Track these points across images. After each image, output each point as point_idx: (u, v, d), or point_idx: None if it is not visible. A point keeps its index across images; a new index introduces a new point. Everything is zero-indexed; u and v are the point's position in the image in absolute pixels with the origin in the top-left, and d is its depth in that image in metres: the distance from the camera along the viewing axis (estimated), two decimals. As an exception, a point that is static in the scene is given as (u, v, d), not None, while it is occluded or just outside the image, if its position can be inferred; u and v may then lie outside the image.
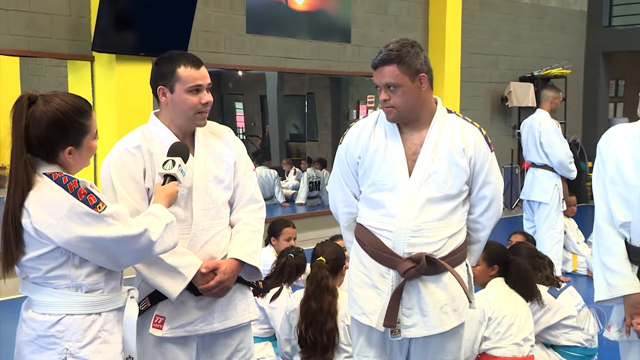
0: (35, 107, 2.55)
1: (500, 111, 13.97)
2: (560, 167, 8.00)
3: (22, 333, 2.65)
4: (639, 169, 2.93)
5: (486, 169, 3.20)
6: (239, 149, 3.32)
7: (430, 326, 3.16)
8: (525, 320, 4.75)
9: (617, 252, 3.00)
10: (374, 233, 3.21)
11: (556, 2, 15.16)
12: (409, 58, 3.08)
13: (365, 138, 3.24)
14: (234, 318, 3.22)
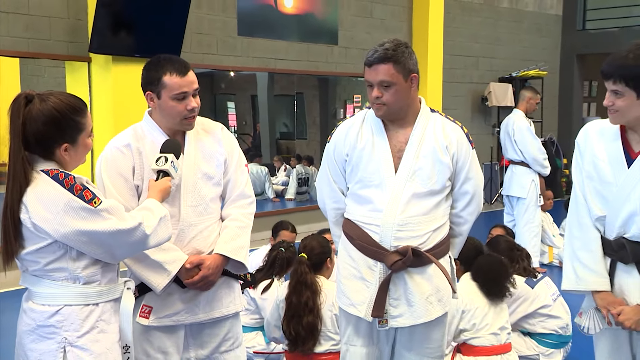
0: (32, 106, 2.54)
1: (480, 110, 14.01)
2: (534, 163, 8.04)
3: (23, 323, 2.65)
4: (614, 166, 2.93)
5: (468, 166, 3.21)
6: (231, 145, 3.30)
7: (416, 316, 3.16)
8: (500, 310, 4.76)
9: (594, 249, 3.00)
10: (361, 227, 3.20)
11: (533, 7, 15.21)
12: (403, 58, 3.08)
13: (352, 136, 3.23)
14: (219, 309, 3.22)
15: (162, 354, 3.16)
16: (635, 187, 2.86)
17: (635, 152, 2.91)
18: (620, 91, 2.82)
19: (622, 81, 2.81)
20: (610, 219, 2.94)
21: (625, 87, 2.80)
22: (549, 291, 5.25)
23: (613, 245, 2.93)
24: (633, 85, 2.79)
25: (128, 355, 2.74)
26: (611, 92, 2.86)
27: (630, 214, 2.87)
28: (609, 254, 2.96)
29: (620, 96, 2.83)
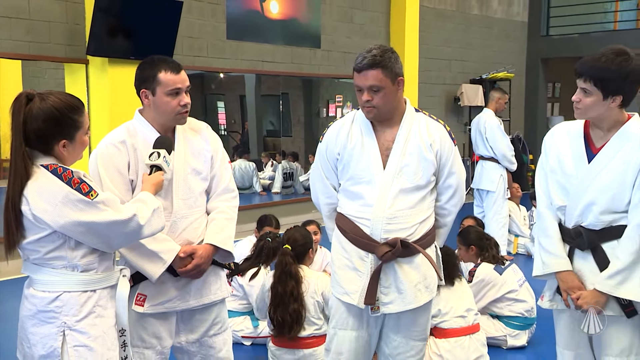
0: (33, 104, 2.53)
1: (453, 110, 14.05)
2: (502, 159, 8.08)
3: (25, 308, 2.63)
4: (576, 161, 2.96)
5: (450, 161, 3.22)
6: (216, 143, 3.30)
7: (406, 302, 3.17)
8: (462, 294, 4.79)
9: (551, 235, 3.03)
10: (353, 221, 3.21)
11: (501, 14, 15.27)
12: (390, 63, 3.08)
13: (343, 136, 3.24)
14: (208, 296, 3.21)
15: (156, 339, 3.15)
16: (594, 180, 2.89)
17: (597, 148, 2.93)
18: (588, 90, 2.85)
19: (591, 81, 2.83)
20: (570, 208, 2.96)
21: (594, 86, 2.83)
22: (515, 277, 5.29)
23: (571, 233, 2.96)
24: (600, 86, 2.82)
25: (124, 338, 2.74)
26: (580, 90, 2.89)
27: (588, 204, 2.90)
28: (568, 242, 2.99)
29: (588, 95, 2.86)
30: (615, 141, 2.89)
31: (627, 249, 2.83)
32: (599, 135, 2.94)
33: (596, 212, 2.89)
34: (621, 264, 2.83)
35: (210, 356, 3.25)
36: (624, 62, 2.82)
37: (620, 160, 2.86)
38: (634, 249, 2.82)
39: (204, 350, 3.24)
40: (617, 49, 2.86)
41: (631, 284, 2.82)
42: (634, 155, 2.83)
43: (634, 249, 2.82)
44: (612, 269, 2.85)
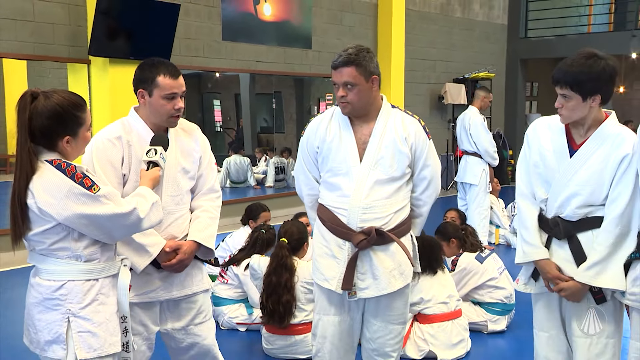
0: (37, 102, 2.52)
1: (438, 107, 14.07)
2: (485, 154, 8.09)
3: (31, 296, 2.63)
4: (557, 155, 2.97)
5: (425, 154, 3.23)
6: (205, 145, 3.29)
7: (381, 288, 3.19)
8: (444, 282, 4.81)
9: (529, 226, 3.04)
10: (332, 211, 3.22)
11: (483, 17, 15.29)
12: (365, 62, 3.10)
13: (322, 131, 3.25)
14: (191, 287, 3.21)
15: (142, 326, 3.15)
16: (575, 174, 2.90)
17: (577, 144, 2.94)
18: (568, 95, 2.86)
19: (568, 86, 2.85)
20: (550, 200, 2.98)
21: (571, 91, 2.84)
22: (495, 266, 5.31)
23: (550, 223, 2.98)
24: (577, 89, 2.83)
25: (125, 324, 2.73)
26: (560, 96, 2.90)
27: (568, 197, 2.91)
28: (547, 231, 3.01)
29: (568, 99, 2.87)
30: (594, 139, 2.90)
31: (605, 241, 2.84)
32: (579, 133, 2.96)
33: (574, 205, 2.90)
34: (599, 255, 2.85)
35: (196, 343, 3.25)
36: (594, 64, 2.83)
37: (599, 157, 2.87)
38: (610, 242, 2.84)
39: (190, 337, 3.24)
40: (585, 53, 2.88)
41: (608, 273, 2.84)
42: (612, 153, 2.85)
43: (610, 242, 2.84)
44: (590, 261, 2.86)
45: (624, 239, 2.83)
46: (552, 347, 3.06)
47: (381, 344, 3.29)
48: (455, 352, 4.70)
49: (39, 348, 2.62)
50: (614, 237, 2.83)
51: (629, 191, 2.80)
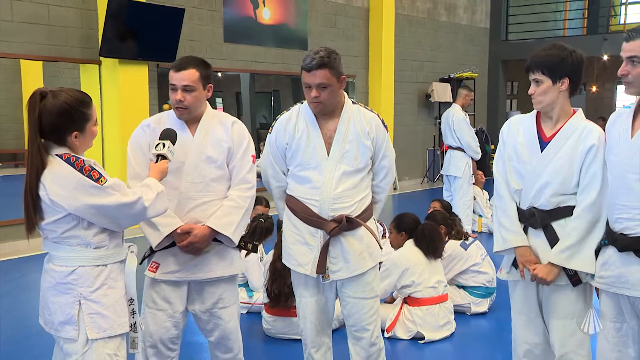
0: (46, 101, 2.50)
1: (425, 105, 14.07)
2: (468, 149, 8.10)
3: (45, 281, 2.63)
4: (530, 149, 2.97)
5: (384, 146, 3.27)
6: (239, 137, 3.23)
7: (352, 269, 3.22)
8: (434, 268, 4.82)
9: (511, 215, 3.03)
10: (303, 202, 3.23)
11: (466, 21, 15.30)
12: (336, 64, 3.11)
13: (290, 128, 3.25)
14: (216, 271, 3.18)
15: (167, 304, 3.16)
16: (546, 166, 2.90)
17: (547, 137, 2.95)
18: (539, 79, 2.88)
19: (539, 70, 2.87)
20: (524, 192, 2.98)
21: (542, 74, 2.87)
22: (479, 252, 5.33)
23: (526, 213, 2.97)
24: (548, 72, 2.86)
25: (133, 307, 2.73)
26: (533, 82, 2.92)
27: (541, 188, 2.91)
28: (522, 221, 3.00)
29: (540, 83, 2.88)
30: (563, 132, 2.91)
31: (578, 227, 2.84)
32: (549, 126, 2.96)
33: (548, 194, 2.90)
34: (572, 240, 2.85)
35: (219, 326, 3.24)
36: (561, 50, 2.88)
37: (568, 149, 2.88)
38: (583, 227, 2.84)
39: (214, 320, 3.23)
40: (554, 44, 2.94)
41: (580, 256, 2.84)
42: (579, 145, 2.86)
43: (583, 227, 2.84)
44: (564, 245, 2.86)
45: (595, 225, 2.83)
46: (531, 329, 3.06)
47: (357, 319, 3.30)
48: (441, 333, 4.72)
49: (53, 328, 2.62)
50: (587, 223, 2.83)
51: (599, 181, 2.81)
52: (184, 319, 3.23)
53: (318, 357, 3.38)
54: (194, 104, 3.10)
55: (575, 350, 2.94)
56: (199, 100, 3.12)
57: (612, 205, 2.72)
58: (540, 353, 3.07)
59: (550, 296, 2.97)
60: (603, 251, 2.80)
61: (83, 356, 2.57)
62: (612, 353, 2.78)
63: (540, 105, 2.93)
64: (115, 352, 2.62)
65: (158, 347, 3.16)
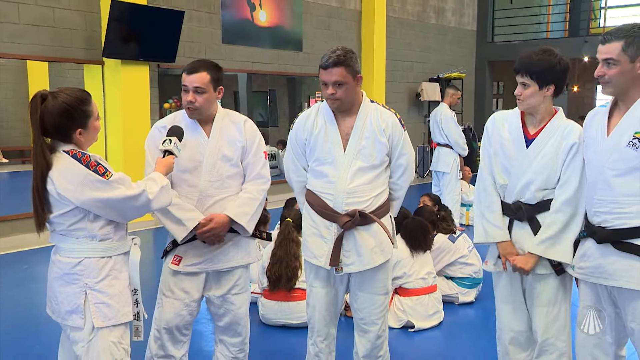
0: (47, 102, 2.50)
1: (415, 104, 14.08)
2: (456, 145, 8.10)
3: (52, 272, 2.63)
4: (515, 145, 2.98)
5: (401, 144, 3.23)
6: (251, 136, 3.26)
7: (364, 263, 3.19)
8: (424, 260, 4.84)
9: (495, 210, 3.05)
10: (319, 196, 3.21)
11: (454, 24, 15.30)
12: (352, 62, 3.09)
13: (310, 124, 3.24)
14: (233, 261, 3.23)
15: (184, 293, 3.19)
16: (531, 163, 2.92)
17: (531, 135, 2.96)
18: (527, 83, 2.89)
19: (528, 75, 2.88)
20: (510, 187, 2.99)
21: (530, 79, 2.88)
22: (466, 244, 5.34)
23: (512, 207, 2.99)
24: (536, 78, 2.86)
25: (136, 297, 2.74)
26: (520, 84, 2.92)
27: (526, 183, 2.93)
28: (508, 214, 3.02)
29: (527, 87, 2.89)
30: (547, 131, 2.93)
31: (557, 220, 2.87)
32: (533, 124, 2.98)
33: (533, 189, 2.92)
34: (551, 231, 2.88)
35: (231, 311, 3.28)
36: (551, 57, 2.88)
37: (551, 146, 2.90)
38: (561, 220, 2.86)
39: (227, 305, 3.27)
40: (544, 48, 2.93)
41: (558, 248, 2.88)
42: (561, 142, 2.88)
43: (561, 220, 2.86)
44: (543, 236, 2.90)
45: (573, 218, 2.86)
46: (516, 318, 3.09)
47: (367, 313, 3.29)
48: (430, 322, 4.74)
49: (60, 317, 2.63)
50: (565, 216, 2.86)
51: (578, 176, 2.83)
52: (198, 306, 3.28)
53: (323, 346, 3.37)
54: (204, 105, 3.13)
55: (557, 336, 2.98)
56: (208, 102, 3.15)
57: (591, 200, 2.74)
58: (524, 340, 3.10)
59: (533, 285, 3.00)
60: (582, 243, 2.83)
61: (89, 343, 2.58)
62: (591, 339, 2.82)
63: (525, 107, 2.95)
64: (119, 339, 2.63)
65: (173, 332, 3.21)
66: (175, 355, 3.24)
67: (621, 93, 2.67)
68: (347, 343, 3.56)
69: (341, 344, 3.66)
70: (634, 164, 2.58)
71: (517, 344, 3.11)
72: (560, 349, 2.99)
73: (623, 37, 2.59)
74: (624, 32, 2.60)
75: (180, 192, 3.14)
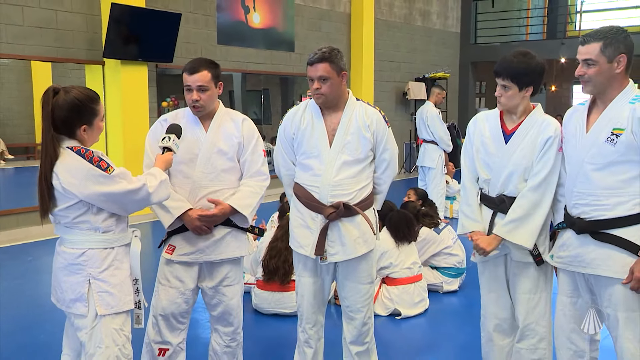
0: (59, 97, 2.50)
1: (402, 102, 14.10)
2: (441, 142, 8.12)
3: (57, 262, 2.62)
4: (495, 142, 2.99)
5: (385, 140, 3.22)
6: (248, 133, 3.25)
7: (348, 253, 3.19)
8: (409, 251, 4.86)
9: (471, 204, 3.08)
10: (306, 188, 3.21)
11: (439, 26, 15.32)
12: (337, 59, 3.08)
13: (297, 120, 3.24)
14: (226, 253, 3.21)
15: (179, 282, 3.19)
16: (511, 158, 2.93)
17: (509, 130, 2.98)
18: (507, 85, 2.90)
19: (508, 78, 2.88)
20: (493, 181, 3.00)
21: (511, 82, 2.88)
22: (450, 236, 5.36)
23: (495, 200, 3.00)
24: (516, 81, 2.87)
25: (137, 286, 2.73)
26: (500, 86, 2.93)
27: (508, 176, 2.94)
28: (492, 207, 3.03)
29: (507, 89, 2.90)
30: (524, 126, 2.94)
31: (522, 205, 2.89)
32: (511, 120, 3.00)
33: (514, 182, 2.94)
34: (515, 215, 2.90)
35: (223, 302, 3.26)
36: (530, 60, 2.89)
37: (529, 141, 2.91)
38: (525, 206, 2.88)
39: (219, 296, 3.26)
40: (522, 51, 2.93)
41: (520, 232, 2.89)
42: (538, 137, 2.90)
43: (525, 206, 2.88)
44: (508, 219, 2.92)
45: (538, 207, 2.88)
46: (499, 305, 3.11)
47: (353, 301, 3.30)
48: (416, 309, 4.76)
49: (64, 305, 2.62)
50: (530, 203, 2.88)
51: (549, 166, 2.85)
52: (194, 296, 3.26)
53: (312, 332, 3.37)
54: (208, 102, 3.14)
55: (537, 321, 3.00)
56: (211, 98, 3.16)
57: (570, 192, 2.76)
58: (508, 327, 3.12)
59: (516, 274, 3.02)
60: (561, 234, 2.84)
61: (92, 330, 2.58)
62: (568, 324, 2.84)
63: (505, 107, 2.96)
64: (121, 327, 2.63)
65: (170, 319, 3.20)
66: (172, 342, 3.23)
67: (600, 91, 2.68)
68: (336, 330, 3.57)
69: (330, 331, 3.67)
70: (612, 158, 2.60)
71: (500, 331, 3.13)
72: (540, 334, 3.01)
73: (601, 39, 2.60)
74: (602, 34, 2.61)
75: (174, 183, 3.13)
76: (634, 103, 2.59)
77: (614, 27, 2.64)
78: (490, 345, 3.17)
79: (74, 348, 2.71)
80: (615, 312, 2.64)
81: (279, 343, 4.21)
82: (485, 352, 3.22)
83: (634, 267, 2.55)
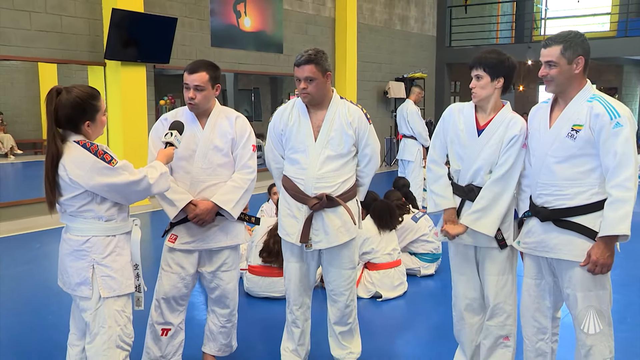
0: (62, 96, 2.50)
1: (383, 100, 14.12)
2: (419, 137, 8.16)
3: (63, 248, 2.63)
4: (468, 134, 3.00)
5: (366, 136, 3.22)
6: (241, 129, 3.24)
7: (330, 241, 3.20)
8: (390, 238, 4.88)
9: (441, 183, 3.08)
10: (293, 181, 3.21)
11: (417, 30, 15.35)
12: (322, 61, 3.08)
13: (286, 117, 3.24)
14: (224, 241, 3.22)
15: (180, 268, 3.20)
16: (482, 151, 2.95)
17: (481, 125, 2.99)
18: (480, 75, 2.91)
19: (481, 67, 2.90)
20: (463, 171, 3.01)
21: (483, 71, 2.90)
22: (427, 224, 5.38)
23: (465, 189, 3.02)
24: (488, 70, 2.89)
25: (137, 271, 2.73)
26: (475, 77, 2.94)
27: (477, 169, 2.96)
28: (461, 195, 3.04)
29: (480, 79, 2.92)
30: (495, 122, 2.96)
31: (485, 196, 2.91)
32: (483, 117, 3.00)
33: (482, 174, 2.96)
34: (479, 206, 2.92)
35: (219, 286, 3.28)
36: (501, 55, 2.93)
37: (497, 137, 2.93)
38: (488, 197, 2.91)
39: (216, 280, 3.27)
40: (495, 49, 2.98)
41: (484, 221, 2.92)
42: (506, 133, 2.92)
43: (488, 197, 2.91)
44: (472, 209, 2.94)
45: (499, 198, 2.90)
46: (469, 286, 3.13)
47: (336, 285, 3.31)
48: (396, 292, 4.78)
49: (70, 288, 2.63)
50: (492, 194, 2.90)
51: (511, 162, 2.87)
52: (193, 281, 3.27)
53: (299, 314, 3.38)
54: (203, 101, 3.12)
55: (505, 300, 3.04)
56: (207, 98, 3.14)
57: (535, 183, 2.79)
58: (477, 306, 3.15)
59: (485, 257, 3.05)
60: (527, 222, 2.87)
61: (96, 311, 2.58)
62: (533, 304, 2.88)
63: (478, 98, 2.96)
64: (122, 308, 2.63)
65: (171, 302, 3.22)
66: (173, 322, 3.25)
67: (561, 90, 2.71)
68: (322, 312, 3.59)
69: (317, 313, 3.69)
70: (572, 152, 2.63)
71: (471, 310, 3.16)
72: (507, 312, 3.05)
73: (561, 42, 2.64)
74: (562, 37, 2.65)
75: (176, 178, 3.15)
76: (592, 101, 2.63)
77: (572, 32, 2.67)
78: (461, 323, 3.21)
79: (80, 328, 2.71)
80: (574, 292, 2.69)
81: (270, 324, 4.22)
82: (457, 330, 3.25)
83: (590, 251, 2.59)
